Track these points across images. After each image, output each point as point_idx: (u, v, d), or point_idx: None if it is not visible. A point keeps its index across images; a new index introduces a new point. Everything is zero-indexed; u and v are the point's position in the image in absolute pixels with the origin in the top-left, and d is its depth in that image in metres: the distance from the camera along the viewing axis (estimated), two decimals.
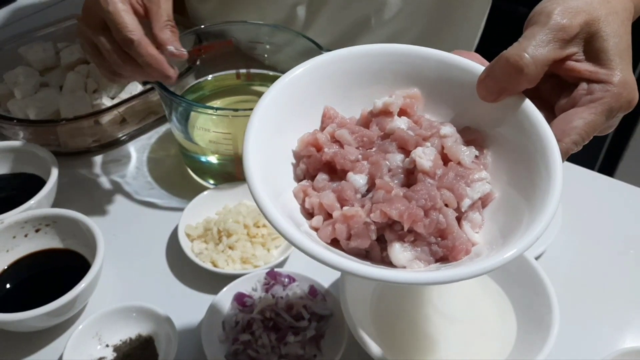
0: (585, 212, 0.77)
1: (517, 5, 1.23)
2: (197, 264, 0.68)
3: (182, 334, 0.61)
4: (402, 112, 0.45)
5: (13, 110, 0.86)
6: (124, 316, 0.62)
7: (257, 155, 0.41)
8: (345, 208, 0.41)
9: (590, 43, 0.44)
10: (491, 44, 0.48)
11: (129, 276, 0.70)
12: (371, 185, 0.42)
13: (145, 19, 0.64)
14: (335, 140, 0.44)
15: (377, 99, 0.45)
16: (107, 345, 0.61)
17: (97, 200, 0.79)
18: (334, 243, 0.41)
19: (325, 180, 0.43)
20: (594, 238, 0.75)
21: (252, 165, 0.40)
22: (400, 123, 0.44)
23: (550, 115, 0.44)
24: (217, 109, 0.73)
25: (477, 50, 1.00)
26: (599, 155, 1.62)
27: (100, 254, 0.64)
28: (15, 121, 0.81)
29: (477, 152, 0.44)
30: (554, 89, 0.46)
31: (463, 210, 0.41)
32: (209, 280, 0.68)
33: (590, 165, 0.83)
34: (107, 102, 0.87)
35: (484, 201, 0.43)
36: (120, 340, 0.62)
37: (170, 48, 0.63)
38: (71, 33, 0.97)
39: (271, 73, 0.87)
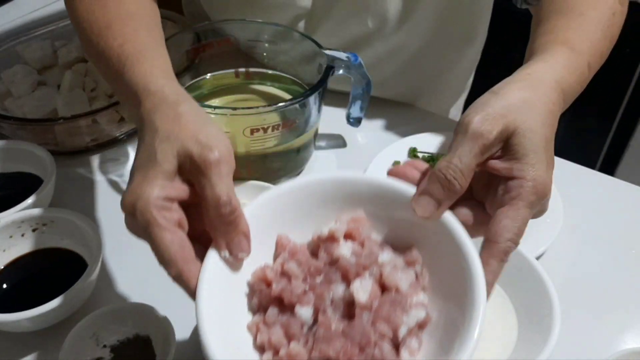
0: (586, 212, 0.77)
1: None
2: None
3: (180, 334, 0.60)
4: (348, 236, 0.49)
5: (10, 109, 0.85)
6: (121, 316, 0.62)
7: (212, 289, 0.44)
8: (291, 344, 0.44)
9: (508, 140, 0.47)
10: (493, 45, 0.48)
11: (126, 276, 0.70)
12: (316, 317, 0.45)
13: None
14: (284, 273, 0.47)
15: (325, 224, 0.49)
16: (105, 346, 0.61)
17: (95, 200, 0.79)
18: None
19: (275, 315, 0.46)
20: (595, 237, 0.74)
21: (204, 307, 0.43)
22: (345, 249, 0.48)
23: (483, 214, 0.48)
24: (215, 107, 0.73)
25: (482, 55, 1.00)
26: (600, 154, 1.62)
27: (97, 254, 0.63)
28: (12, 120, 0.81)
29: (415, 274, 0.47)
30: (484, 187, 0.49)
31: (400, 337, 0.44)
32: None
33: (591, 164, 0.83)
34: (105, 100, 0.87)
35: (421, 324, 0.45)
36: (118, 341, 0.61)
37: (224, 254, 0.46)
38: (69, 32, 0.96)
39: (270, 72, 0.86)
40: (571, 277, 0.70)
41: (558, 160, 0.56)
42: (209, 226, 0.46)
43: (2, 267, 0.67)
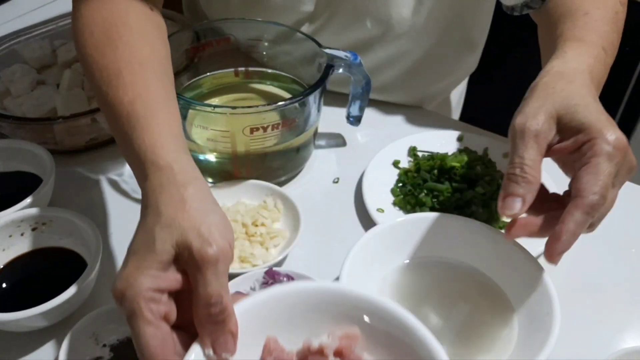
0: None
1: None
2: None
3: None
4: (338, 353, 0.47)
5: (9, 108, 0.85)
6: (120, 315, 0.61)
7: None
8: None
9: (559, 124, 0.51)
10: (493, 46, 0.50)
11: None
12: None
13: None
14: None
15: (318, 332, 0.47)
16: (104, 345, 0.61)
17: (94, 199, 0.79)
18: None
19: None
20: (595, 236, 0.73)
21: None
22: None
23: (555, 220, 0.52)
24: (215, 106, 0.72)
25: (481, 55, 1.00)
26: None
27: (97, 253, 0.63)
28: (11, 119, 0.80)
29: None
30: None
31: None
32: None
33: None
34: None
35: None
36: (117, 340, 0.61)
37: (208, 352, 0.45)
38: (68, 31, 0.96)
39: (270, 71, 0.86)
40: (571, 277, 0.69)
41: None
42: (196, 320, 0.45)
43: (2, 267, 0.67)
